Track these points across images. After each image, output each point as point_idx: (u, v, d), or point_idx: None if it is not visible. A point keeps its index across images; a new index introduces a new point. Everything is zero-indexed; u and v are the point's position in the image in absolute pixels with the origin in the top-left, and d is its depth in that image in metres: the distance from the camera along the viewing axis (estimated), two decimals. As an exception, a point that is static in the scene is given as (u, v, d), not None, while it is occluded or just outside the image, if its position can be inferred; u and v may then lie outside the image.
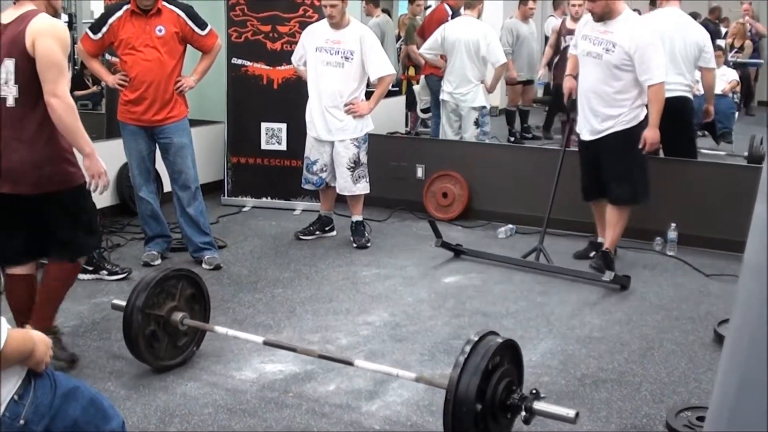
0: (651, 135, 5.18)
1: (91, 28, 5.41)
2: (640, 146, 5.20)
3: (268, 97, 6.99)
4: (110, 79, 5.42)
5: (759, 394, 0.84)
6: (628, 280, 5.16)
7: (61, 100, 3.54)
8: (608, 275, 5.06)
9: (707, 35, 6.17)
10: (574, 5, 8.87)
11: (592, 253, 5.64)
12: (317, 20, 6.38)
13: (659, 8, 6.21)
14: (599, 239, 5.68)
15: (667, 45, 5.63)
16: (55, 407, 2.11)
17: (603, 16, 5.15)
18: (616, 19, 5.15)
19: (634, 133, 5.22)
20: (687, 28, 5.97)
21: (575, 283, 5.26)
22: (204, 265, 5.41)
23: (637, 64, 5.07)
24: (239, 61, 7.01)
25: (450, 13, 8.25)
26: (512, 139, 10.00)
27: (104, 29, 5.30)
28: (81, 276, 5.12)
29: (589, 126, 5.34)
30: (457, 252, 5.82)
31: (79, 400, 2.18)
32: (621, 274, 5.17)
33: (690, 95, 6.08)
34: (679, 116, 5.58)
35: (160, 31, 5.24)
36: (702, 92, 6.55)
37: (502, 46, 9.74)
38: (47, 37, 3.53)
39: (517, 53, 9.88)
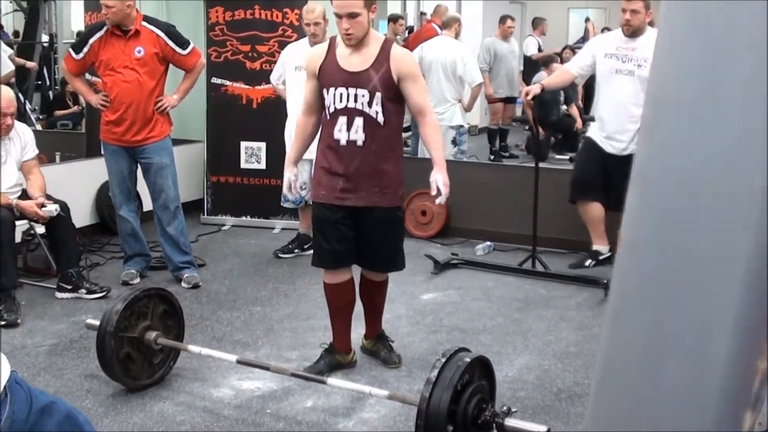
0: None
1: (73, 48, 5.44)
2: None
3: (247, 116, 7.03)
4: (93, 99, 5.44)
5: (619, 367, 0.90)
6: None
7: None
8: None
9: None
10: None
11: (588, 261, 5.72)
12: (296, 40, 6.43)
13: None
14: (594, 247, 5.72)
15: None
16: (31, 422, 2.11)
17: (636, 31, 5.29)
18: (640, 37, 5.31)
19: None
20: None
21: (552, 300, 5.31)
22: (183, 284, 5.43)
23: None
24: (219, 81, 7.05)
25: (440, 32, 8.31)
26: (492, 157, 10.08)
27: (85, 49, 5.32)
28: (59, 294, 5.16)
29: (615, 141, 5.44)
30: (453, 265, 5.99)
31: (54, 416, 2.19)
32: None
33: None
34: None
35: (139, 52, 5.27)
36: None
37: (479, 63, 9.87)
38: None
39: (495, 71, 9.97)
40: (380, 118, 3.82)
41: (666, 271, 0.87)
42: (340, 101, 3.83)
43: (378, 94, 3.79)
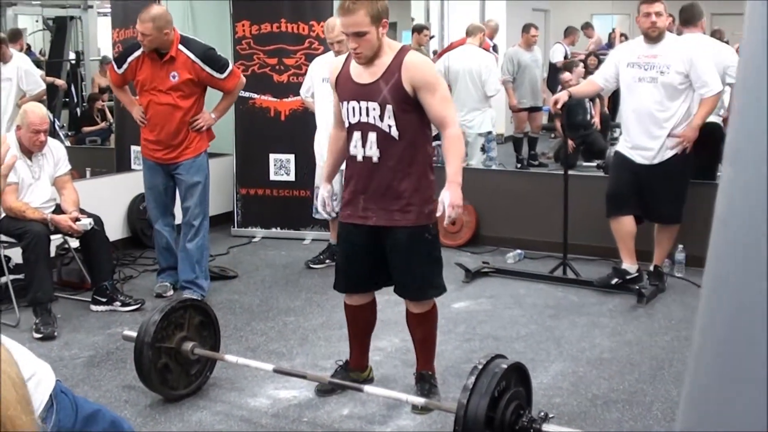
0: (691, 134, 5.21)
1: (115, 61, 5.51)
2: (680, 140, 5.23)
3: (275, 128, 7.07)
4: (135, 111, 5.48)
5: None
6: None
7: None
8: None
9: (729, 50, 6.04)
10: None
11: (615, 280, 5.51)
12: (323, 52, 6.47)
13: (682, 35, 6.05)
14: (623, 265, 5.50)
15: None
16: (77, 430, 2.14)
17: (660, 35, 5.18)
18: (661, 43, 5.20)
19: (688, 156, 5.30)
20: (714, 52, 5.69)
21: (584, 307, 5.29)
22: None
23: (694, 79, 5.12)
24: (247, 94, 7.09)
25: (491, 44, 8.30)
26: (519, 165, 10.05)
27: (124, 66, 5.36)
28: (94, 307, 5.21)
29: (643, 150, 5.30)
30: (484, 273, 6.01)
31: (99, 423, 2.21)
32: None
33: (719, 121, 5.89)
34: (709, 143, 5.47)
35: (173, 77, 5.25)
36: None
37: (503, 74, 9.86)
38: None
39: (519, 81, 9.93)
40: (394, 132, 3.58)
41: (756, 245, 0.91)
42: (354, 115, 3.64)
43: (389, 107, 3.56)
